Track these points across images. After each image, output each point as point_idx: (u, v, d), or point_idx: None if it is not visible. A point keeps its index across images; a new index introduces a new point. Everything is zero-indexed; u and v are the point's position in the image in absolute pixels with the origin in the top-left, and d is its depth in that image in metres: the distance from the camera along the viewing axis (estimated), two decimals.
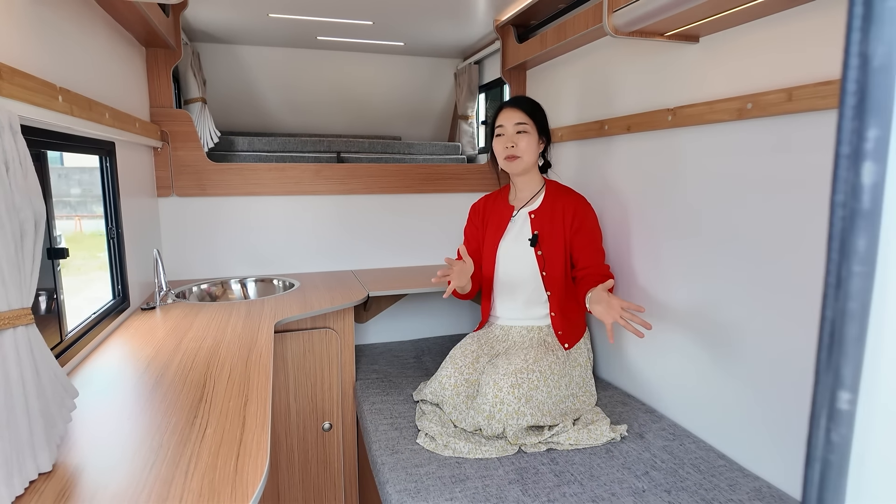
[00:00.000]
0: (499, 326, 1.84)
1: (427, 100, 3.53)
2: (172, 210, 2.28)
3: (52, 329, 1.26)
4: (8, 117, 0.85)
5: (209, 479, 0.83)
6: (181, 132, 2.22)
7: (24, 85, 1.04)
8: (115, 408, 1.09)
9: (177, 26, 2.17)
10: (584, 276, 1.71)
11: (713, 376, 1.51)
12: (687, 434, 1.57)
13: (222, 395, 1.13)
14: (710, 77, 1.48)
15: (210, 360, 1.36)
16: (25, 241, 0.84)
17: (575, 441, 1.50)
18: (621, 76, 1.85)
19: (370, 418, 1.71)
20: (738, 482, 1.35)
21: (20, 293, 0.81)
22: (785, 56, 1.27)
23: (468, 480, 1.35)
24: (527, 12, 2.29)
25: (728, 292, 1.45)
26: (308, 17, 2.45)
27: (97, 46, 1.58)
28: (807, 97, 1.18)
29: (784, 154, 1.27)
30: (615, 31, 1.47)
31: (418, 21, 2.53)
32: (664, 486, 1.33)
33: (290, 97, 3.31)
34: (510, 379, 1.53)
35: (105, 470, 0.86)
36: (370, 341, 2.53)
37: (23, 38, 1.12)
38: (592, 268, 1.71)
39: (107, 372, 1.29)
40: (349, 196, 2.49)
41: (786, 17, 1.26)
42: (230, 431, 0.98)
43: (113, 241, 1.71)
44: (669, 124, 1.60)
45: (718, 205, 1.47)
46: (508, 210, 1.86)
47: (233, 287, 2.33)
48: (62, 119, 1.21)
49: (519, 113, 1.75)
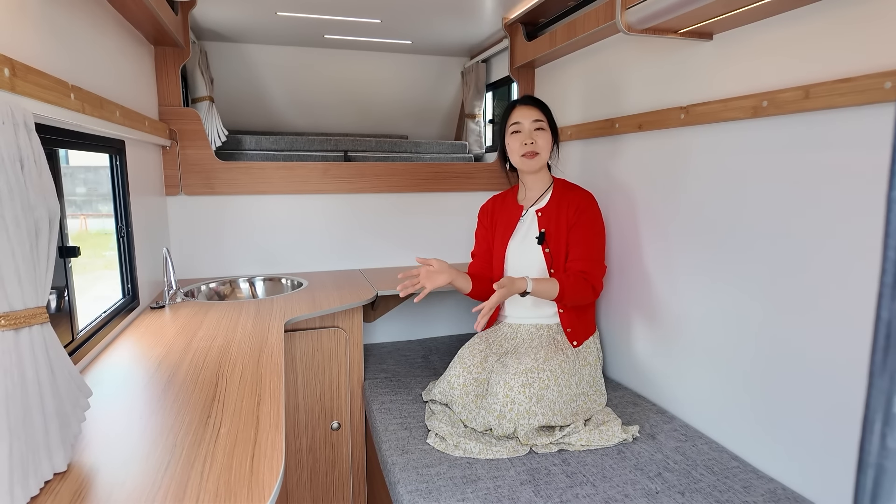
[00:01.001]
0: (507, 325, 1.83)
1: (434, 98, 3.52)
2: (181, 209, 2.28)
3: (63, 328, 1.25)
4: (23, 115, 0.84)
5: (225, 480, 0.82)
6: (189, 131, 2.22)
7: (38, 83, 1.03)
8: (127, 407, 1.09)
9: (185, 24, 2.16)
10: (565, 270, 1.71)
11: (725, 377, 1.50)
12: (699, 435, 1.56)
13: (235, 395, 1.13)
14: (723, 75, 1.47)
15: (221, 359, 1.35)
16: (40, 240, 0.83)
17: (586, 442, 1.49)
18: (632, 74, 1.84)
19: (379, 418, 1.71)
20: (753, 484, 1.33)
21: (35, 292, 0.80)
22: (801, 53, 1.25)
23: (480, 481, 1.34)
24: (535, 10, 2.28)
25: (742, 292, 1.44)
26: (316, 15, 2.44)
27: (108, 45, 1.58)
28: (825, 94, 1.17)
29: (801, 153, 1.26)
30: (628, 29, 1.46)
31: (426, 19, 2.52)
32: (678, 487, 1.32)
33: (297, 96, 3.30)
34: (521, 378, 1.52)
35: (120, 470, 0.85)
36: (378, 340, 2.52)
37: (37, 36, 1.12)
38: (573, 262, 1.70)
39: (118, 371, 1.29)
40: (357, 195, 2.49)
41: (801, 14, 1.25)
42: (244, 432, 0.97)
43: (123, 239, 1.70)
44: (682, 122, 1.59)
45: (731, 204, 1.45)
46: (517, 210, 1.85)
47: (241, 286, 2.33)
48: (74, 117, 1.21)
49: (536, 110, 1.74)
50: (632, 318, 1.90)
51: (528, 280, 1.60)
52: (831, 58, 1.18)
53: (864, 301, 1.14)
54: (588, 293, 1.68)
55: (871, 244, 1.12)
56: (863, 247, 1.14)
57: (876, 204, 1.11)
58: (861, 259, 1.14)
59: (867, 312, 1.13)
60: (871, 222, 1.12)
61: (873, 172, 1.11)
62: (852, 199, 1.15)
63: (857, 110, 1.13)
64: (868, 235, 1.12)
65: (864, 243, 1.13)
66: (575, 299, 1.66)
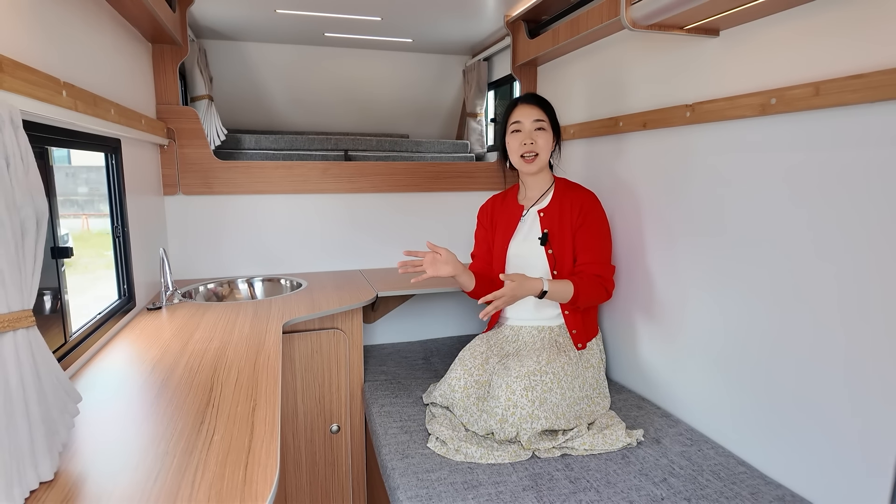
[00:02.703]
0: (508, 327, 1.80)
1: (435, 97, 3.50)
2: (179, 208, 2.25)
3: (56, 330, 1.23)
4: (9, 111, 0.81)
5: (217, 490, 0.79)
6: (187, 129, 2.19)
7: (26, 79, 1.01)
8: (119, 412, 1.06)
9: (183, 22, 2.14)
10: (577, 273, 1.68)
11: (732, 379, 1.47)
12: (705, 439, 1.53)
13: (230, 400, 1.10)
14: (730, 72, 1.44)
15: (217, 362, 1.32)
16: (26, 241, 0.80)
17: (590, 446, 1.46)
18: (636, 72, 1.81)
19: (379, 421, 1.68)
20: (761, 490, 1.30)
21: (21, 295, 0.78)
22: (810, 49, 1.22)
23: (481, 486, 1.31)
24: (538, 7, 2.25)
25: (748, 294, 1.40)
26: (316, 12, 2.42)
27: (103, 42, 1.55)
28: (836, 91, 1.14)
29: (810, 151, 1.23)
30: (633, 25, 1.43)
31: (427, 17, 2.49)
32: (683, 493, 1.29)
33: (297, 94, 3.28)
34: (523, 381, 1.49)
35: (108, 479, 0.83)
36: (378, 342, 2.49)
37: (26, 31, 1.09)
38: (587, 265, 1.67)
39: (112, 374, 1.26)
40: (357, 195, 2.46)
41: (810, 9, 1.22)
42: (238, 439, 0.94)
43: (118, 239, 1.68)
44: (687, 120, 1.56)
45: (738, 203, 1.42)
46: (518, 210, 1.82)
47: (240, 287, 2.31)
48: (66, 114, 1.18)
49: (537, 110, 1.71)
50: (636, 320, 1.86)
51: (544, 280, 1.57)
52: (842, 54, 1.15)
53: (876, 304, 1.11)
54: (602, 296, 1.67)
55: (885, 245, 1.09)
56: (876, 248, 1.10)
57: (890, 203, 1.07)
58: (874, 261, 1.11)
59: (878, 315, 1.10)
60: (885, 222, 1.08)
61: (887, 171, 1.08)
62: (864, 198, 1.12)
63: (869, 107, 1.10)
64: (882, 236, 1.09)
65: (877, 244, 1.10)
66: (588, 302, 1.65)
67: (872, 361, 1.12)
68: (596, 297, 1.66)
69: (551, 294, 1.59)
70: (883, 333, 1.10)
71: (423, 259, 1.65)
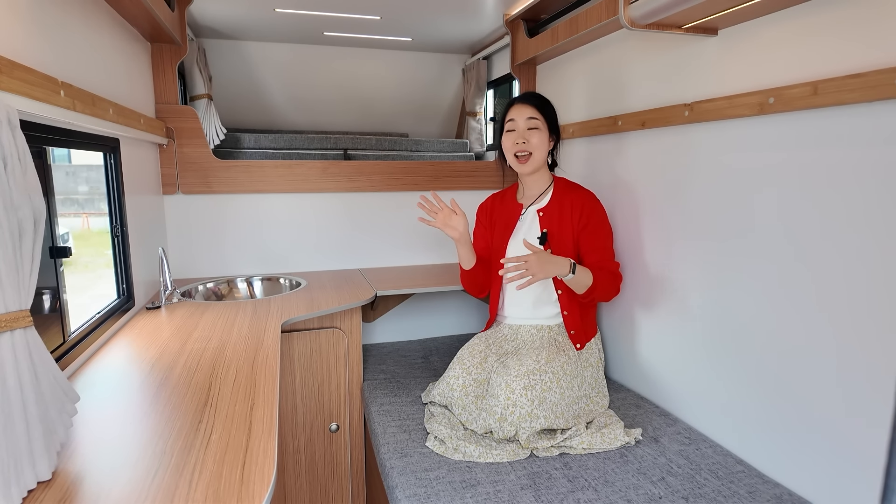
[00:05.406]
0: (507, 326, 1.80)
1: (435, 96, 3.49)
2: (178, 208, 2.25)
3: (54, 330, 1.23)
4: (6, 111, 0.81)
5: (214, 489, 0.79)
6: (187, 129, 2.20)
7: (23, 79, 1.01)
8: (118, 411, 1.06)
9: (182, 21, 2.14)
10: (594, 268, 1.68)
11: (729, 378, 1.47)
12: (703, 438, 1.53)
13: (228, 399, 1.10)
14: (729, 71, 1.44)
15: (216, 361, 1.33)
16: (24, 241, 0.81)
17: (588, 445, 1.46)
18: (635, 71, 1.81)
19: (378, 420, 1.68)
20: (758, 489, 1.30)
21: (18, 295, 0.78)
22: (808, 48, 1.22)
23: (479, 485, 1.31)
24: (537, 6, 2.25)
25: (745, 292, 1.41)
26: (315, 11, 2.42)
27: (101, 41, 1.55)
28: (834, 91, 1.14)
29: (809, 150, 1.23)
30: (631, 24, 1.42)
31: (426, 16, 2.49)
32: (681, 492, 1.29)
33: (296, 94, 3.27)
34: (522, 380, 1.49)
35: (106, 478, 0.83)
36: (377, 341, 2.49)
37: (24, 31, 1.09)
38: (601, 262, 1.68)
39: (111, 374, 1.26)
40: (356, 194, 2.46)
41: (808, 9, 1.22)
42: (236, 438, 0.94)
43: (117, 239, 1.68)
44: (686, 120, 1.56)
45: (736, 202, 1.42)
46: (517, 208, 1.82)
47: (239, 286, 2.31)
48: (64, 114, 1.18)
49: (531, 108, 1.71)
50: (635, 318, 1.87)
51: (570, 262, 1.56)
52: (840, 53, 1.15)
53: (874, 303, 1.11)
54: (613, 293, 1.69)
55: (885, 245, 1.09)
56: (873, 246, 1.10)
57: (888, 202, 1.07)
58: (871, 259, 1.11)
59: (876, 314, 1.10)
60: (883, 220, 1.08)
61: (884, 169, 1.08)
62: (862, 197, 1.12)
63: (867, 106, 1.10)
64: (879, 234, 1.09)
65: (874, 243, 1.10)
66: (601, 296, 1.66)
67: (867, 361, 1.12)
68: (612, 291, 1.67)
69: (577, 276, 1.57)
70: (876, 334, 1.10)
71: (441, 208, 1.67)
